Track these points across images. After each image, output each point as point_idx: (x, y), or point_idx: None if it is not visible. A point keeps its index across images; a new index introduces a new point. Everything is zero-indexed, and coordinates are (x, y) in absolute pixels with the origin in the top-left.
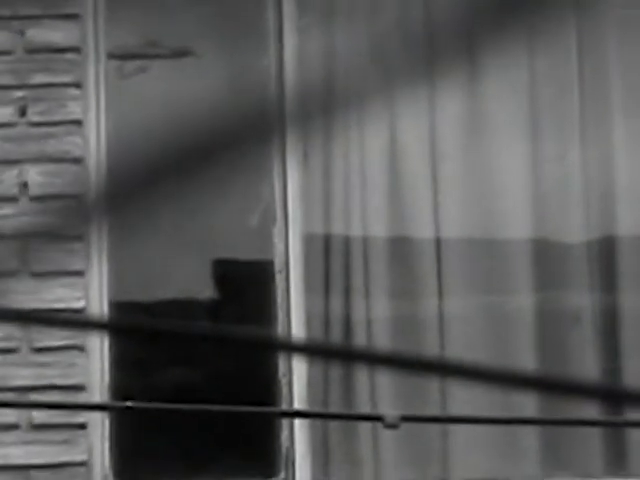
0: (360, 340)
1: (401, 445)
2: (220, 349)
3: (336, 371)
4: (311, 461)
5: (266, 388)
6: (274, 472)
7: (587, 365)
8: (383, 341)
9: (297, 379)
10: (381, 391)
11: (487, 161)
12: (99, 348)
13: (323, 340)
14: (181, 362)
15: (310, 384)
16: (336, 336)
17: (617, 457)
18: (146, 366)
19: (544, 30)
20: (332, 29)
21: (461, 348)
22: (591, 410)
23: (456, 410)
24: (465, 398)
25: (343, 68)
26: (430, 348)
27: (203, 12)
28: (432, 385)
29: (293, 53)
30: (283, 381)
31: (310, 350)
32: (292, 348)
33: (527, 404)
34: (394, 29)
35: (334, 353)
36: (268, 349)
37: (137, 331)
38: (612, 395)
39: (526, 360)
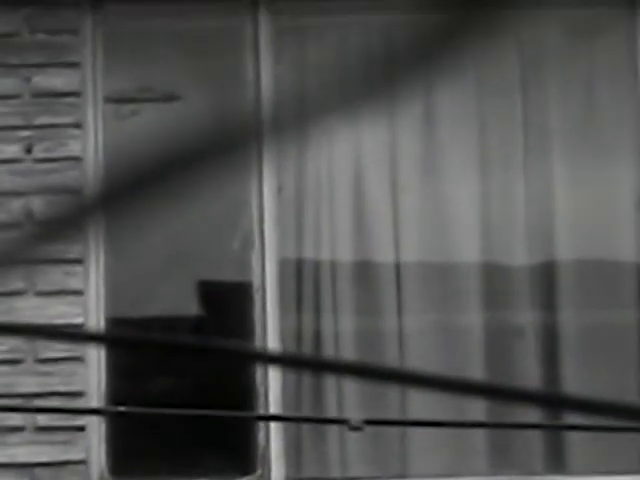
0: (329, 352)
1: (365, 445)
2: (204, 359)
3: (307, 380)
4: (285, 459)
5: (245, 394)
6: (251, 469)
7: (530, 375)
8: (349, 353)
9: (272, 386)
10: (347, 397)
11: (442, 194)
12: (97, 359)
13: (296, 352)
14: (170, 372)
15: (284, 391)
16: (307, 349)
17: (556, 457)
18: (138, 375)
19: (491, 78)
20: (304, 75)
21: (418, 360)
22: (533, 414)
23: (414, 414)
24: (422, 403)
25: (313, 110)
26: (391, 360)
27: (189, 62)
28: (393, 392)
29: (269, 96)
30: (260, 388)
31: (284, 361)
32: (268, 359)
33: (477, 409)
34: (360, 76)
35: (305, 364)
36: (247, 359)
37: (130, 342)
38: (551, 401)
39: (475, 371)
